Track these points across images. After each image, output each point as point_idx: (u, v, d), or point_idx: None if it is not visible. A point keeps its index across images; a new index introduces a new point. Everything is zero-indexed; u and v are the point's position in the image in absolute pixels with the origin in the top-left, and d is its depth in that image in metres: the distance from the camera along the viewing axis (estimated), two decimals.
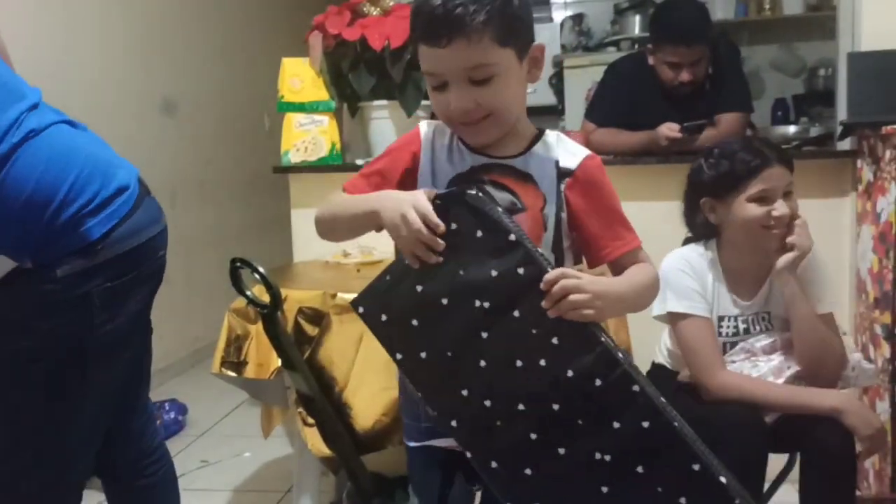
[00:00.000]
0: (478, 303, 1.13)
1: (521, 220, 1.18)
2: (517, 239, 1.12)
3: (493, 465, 1.18)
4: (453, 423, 1.19)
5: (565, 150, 1.27)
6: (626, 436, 1.12)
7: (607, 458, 1.13)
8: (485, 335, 1.14)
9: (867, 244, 2.33)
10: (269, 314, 1.74)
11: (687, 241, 1.95)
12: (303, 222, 2.70)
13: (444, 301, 1.15)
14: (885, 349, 2.20)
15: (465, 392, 1.17)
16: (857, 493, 2.40)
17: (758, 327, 1.85)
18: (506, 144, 1.25)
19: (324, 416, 1.85)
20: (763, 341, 1.83)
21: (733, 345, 1.84)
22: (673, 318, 1.83)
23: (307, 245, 2.65)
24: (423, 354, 1.18)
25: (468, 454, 1.20)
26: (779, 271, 1.77)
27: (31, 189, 1.32)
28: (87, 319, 1.39)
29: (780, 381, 1.76)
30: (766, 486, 1.87)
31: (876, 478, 2.29)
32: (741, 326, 1.85)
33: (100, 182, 1.40)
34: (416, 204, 1.12)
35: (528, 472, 1.16)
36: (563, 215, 1.25)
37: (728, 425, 1.66)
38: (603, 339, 1.11)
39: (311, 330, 1.89)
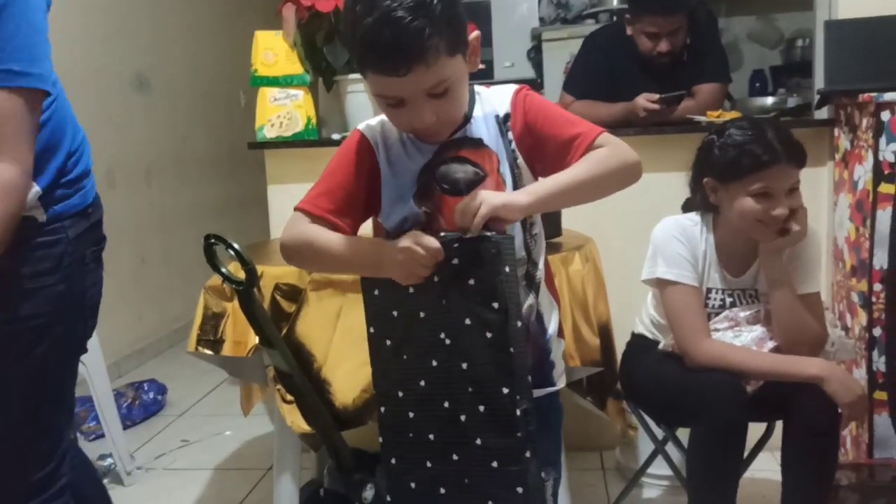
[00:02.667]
0: (442, 335, 1.21)
1: (486, 186, 1.21)
2: (501, 307, 1.16)
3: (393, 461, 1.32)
4: (382, 410, 1.32)
5: (495, 98, 1.29)
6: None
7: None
8: (434, 363, 1.23)
9: (844, 213, 2.34)
10: (245, 291, 1.71)
11: (687, 205, 1.94)
12: (279, 198, 2.67)
13: (422, 315, 1.23)
14: (862, 317, 2.22)
15: (400, 394, 1.28)
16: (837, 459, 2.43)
17: (743, 301, 1.86)
18: None
19: (303, 393, 1.83)
20: (747, 311, 1.83)
21: (717, 314, 1.85)
22: (661, 284, 1.83)
23: (284, 221, 2.60)
24: (387, 342, 1.28)
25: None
26: (765, 253, 1.78)
27: (60, 136, 1.31)
28: (83, 281, 1.38)
29: (763, 350, 1.77)
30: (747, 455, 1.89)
31: (853, 444, 2.31)
32: (727, 300, 1.86)
33: (89, 149, 1.41)
34: (417, 241, 1.16)
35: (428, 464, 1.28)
36: (520, 161, 1.26)
37: (708, 394, 1.67)
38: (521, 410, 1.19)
39: (289, 306, 1.87)
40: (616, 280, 2.20)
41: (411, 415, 1.28)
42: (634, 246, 1.98)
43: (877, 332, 2.17)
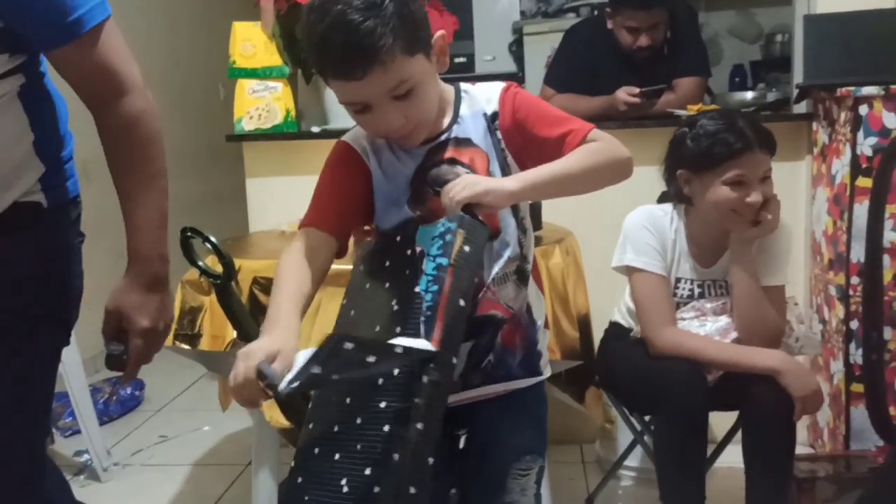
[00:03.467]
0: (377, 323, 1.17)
1: None
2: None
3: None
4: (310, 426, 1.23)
5: (482, 96, 1.27)
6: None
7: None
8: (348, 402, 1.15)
9: (822, 206, 2.36)
10: (223, 285, 1.69)
11: (662, 198, 1.95)
12: (258, 192, 2.65)
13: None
14: (839, 310, 2.23)
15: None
16: (813, 450, 2.45)
17: (713, 293, 1.87)
18: (439, 119, 1.25)
19: None
20: (714, 302, 1.86)
21: (685, 304, 1.86)
22: (629, 272, 1.86)
23: (263, 215, 2.60)
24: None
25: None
26: (736, 243, 1.79)
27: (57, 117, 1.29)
28: (75, 271, 1.35)
29: (726, 341, 1.79)
30: (716, 446, 1.90)
31: (830, 436, 2.33)
32: (696, 290, 1.88)
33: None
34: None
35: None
36: (509, 160, 1.25)
37: (668, 383, 1.70)
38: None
39: (267, 300, 1.85)
40: (595, 273, 2.20)
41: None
42: (614, 240, 1.98)
43: (854, 324, 2.19)
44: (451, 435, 1.35)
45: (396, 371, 1.08)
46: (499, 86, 1.27)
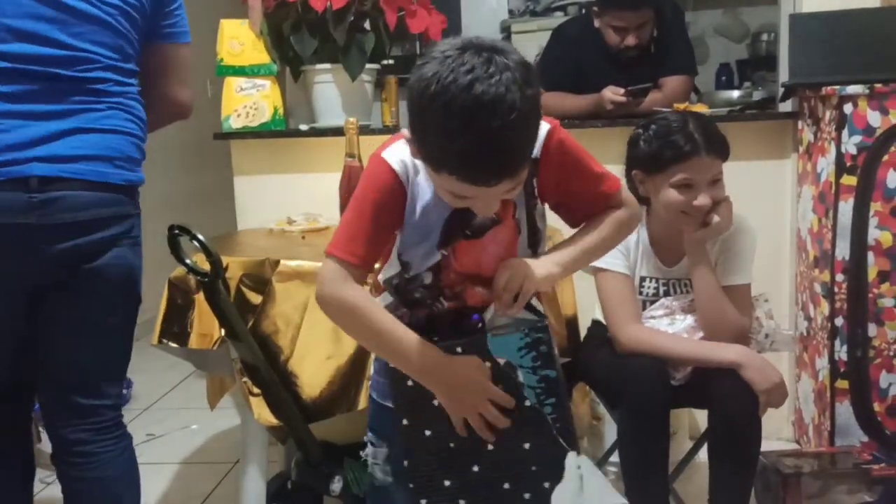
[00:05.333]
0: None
1: (498, 230, 1.19)
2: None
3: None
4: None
5: None
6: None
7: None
8: (490, 447, 1.20)
9: (807, 204, 2.37)
10: (210, 283, 1.70)
11: None
12: (246, 190, 2.64)
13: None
14: (825, 307, 2.25)
15: (447, 483, 1.22)
16: (798, 446, 2.47)
17: (678, 290, 1.91)
18: None
19: (270, 386, 1.82)
20: (683, 300, 1.88)
21: (653, 302, 1.88)
22: (595, 272, 1.89)
23: (251, 213, 2.60)
24: (426, 432, 1.21)
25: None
26: (688, 243, 1.81)
27: None
28: None
29: (695, 338, 1.82)
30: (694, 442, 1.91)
31: (815, 431, 2.35)
32: (661, 289, 1.91)
33: None
34: (488, 395, 1.16)
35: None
36: (539, 208, 1.23)
37: (630, 380, 1.73)
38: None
39: (255, 298, 1.85)
40: (582, 272, 2.21)
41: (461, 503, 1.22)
42: None
43: (839, 321, 2.21)
44: None
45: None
46: (545, 128, 1.17)
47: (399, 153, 1.17)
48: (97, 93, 1.51)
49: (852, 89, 2.14)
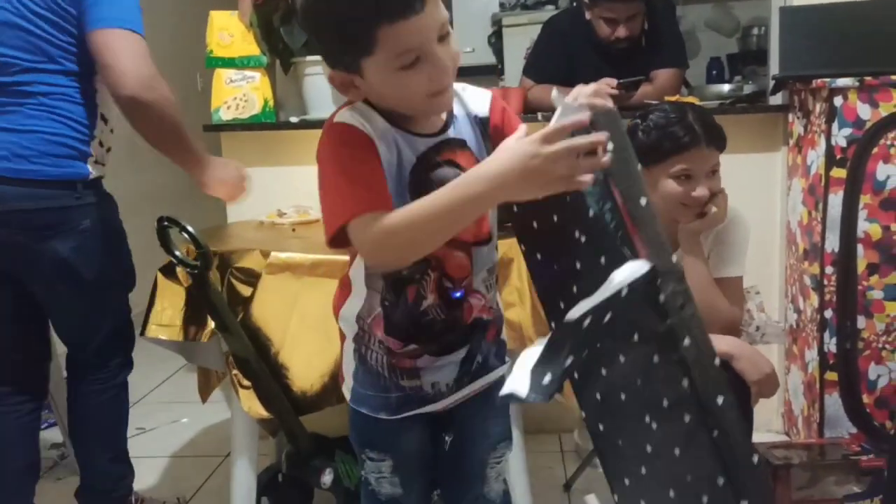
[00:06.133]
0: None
1: None
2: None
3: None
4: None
5: (472, 100, 1.25)
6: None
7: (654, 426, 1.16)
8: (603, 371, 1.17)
9: (797, 197, 2.38)
10: (200, 274, 1.69)
11: None
12: None
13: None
14: (814, 299, 2.26)
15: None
16: (788, 437, 2.48)
17: None
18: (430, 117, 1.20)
19: (260, 378, 1.82)
20: None
21: None
22: None
23: (241, 205, 2.57)
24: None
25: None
26: (683, 234, 1.81)
27: None
28: None
29: None
30: None
31: (805, 423, 2.36)
32: None
33: None
34: (573, 151, 1.02)
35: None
36: None
37: None
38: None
39: (245, 290, 1.85)
40: None
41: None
42: None
43: (828, 314, 2.22)
44: (438, 439, 1.36)
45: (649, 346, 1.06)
46: (487, 93, 1.26)
47: (347, 116, 1.15)
48: (17, 94, 1.67)
49: (842, 82, 2.15)
